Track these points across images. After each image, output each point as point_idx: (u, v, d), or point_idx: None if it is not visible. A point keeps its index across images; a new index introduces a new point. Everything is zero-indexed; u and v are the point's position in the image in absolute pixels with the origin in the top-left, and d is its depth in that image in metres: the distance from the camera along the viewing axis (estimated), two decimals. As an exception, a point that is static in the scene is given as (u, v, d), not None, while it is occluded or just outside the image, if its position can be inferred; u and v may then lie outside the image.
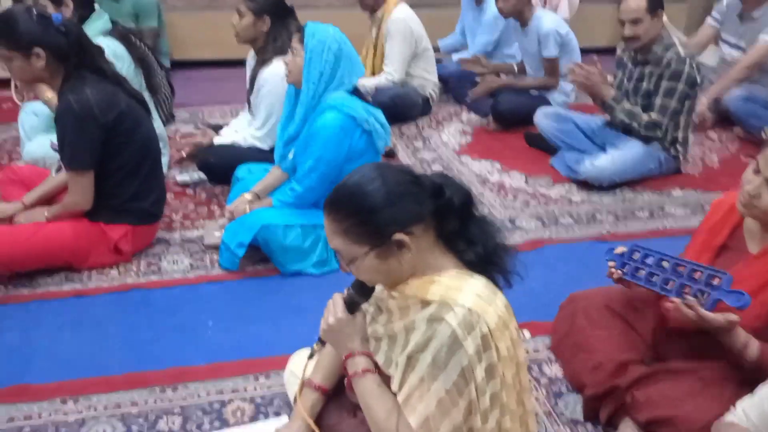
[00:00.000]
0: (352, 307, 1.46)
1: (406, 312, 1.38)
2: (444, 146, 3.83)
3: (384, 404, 1.36)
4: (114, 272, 2.56)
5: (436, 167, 3.56)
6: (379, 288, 1.48)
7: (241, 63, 3.48)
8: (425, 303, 1.33)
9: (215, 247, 2.69)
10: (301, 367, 1.71)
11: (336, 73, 2.50)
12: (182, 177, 3.28)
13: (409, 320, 1.35)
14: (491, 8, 4.30)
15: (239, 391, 2.00)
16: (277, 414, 1.92)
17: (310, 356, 1.58)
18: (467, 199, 1.39)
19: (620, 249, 1.96)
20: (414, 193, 1.34)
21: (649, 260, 1.89)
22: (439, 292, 1.32)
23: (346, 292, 1.47)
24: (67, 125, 2.39)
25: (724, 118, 4.13)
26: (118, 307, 2.38)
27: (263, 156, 3.06)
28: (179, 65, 4.95)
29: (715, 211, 1.95)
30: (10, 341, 2.20)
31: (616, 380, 1.84)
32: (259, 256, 2.61)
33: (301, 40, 2.50)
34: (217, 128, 3.35)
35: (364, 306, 1.50)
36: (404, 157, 3.67)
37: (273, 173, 2.80)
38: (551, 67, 3.99)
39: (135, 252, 2.65)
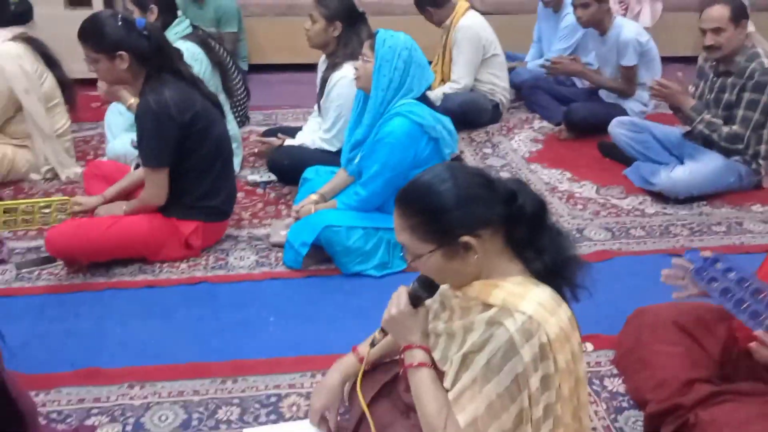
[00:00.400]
0: (415, 300, 1.47)
1: (467, 312, 1.38)
2: (513, 153, 3.79)
3: (436, 399, 1.37)
4: (184, 265, 2.66)
5: (505, 174, 3.52)
6: (445, 285, 1.49)
7: (315, 67, 3.55)
8: (486, 306, 1.33)
9: (281, 246, 2.75)
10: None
11: (405, 81, 2.52)
12: (253, 177, 3.38)
13: (469, 320, 1.35)
14: (569, 16, 4.23)
15: (296, 387, 2.04)
16: (332, 411, 1.94)
17: (372, 344, 1.60)
18: (540, 209, 1.37)
19: (706, 253, 1.85)
20: (485, 197, 1.33)
21: (731, 275, 1.74)
22: (501, 296, 1.31)
23: (411, 285, 1.48)
24: (146, 124, 2.50)
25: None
26: (186, 298, 2.47)
27: (330, 158, 3.11)
28: (256, 68, 5.09)
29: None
30: (84, 327, 2.32)
31: (681, 398, 1.77)
32: (322, 255, 2.65)
33: (372, 47, 2.53)
34: (293, 133, 3.41)
35: (428, 302, 1.50)
36: (472, 164, 3.65)
37: (339, 175, 2.85)
38: (628, 75, 3.88)
39: (204, 247, 2.74)
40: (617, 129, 3.55)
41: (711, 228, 3.01)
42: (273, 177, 3.34)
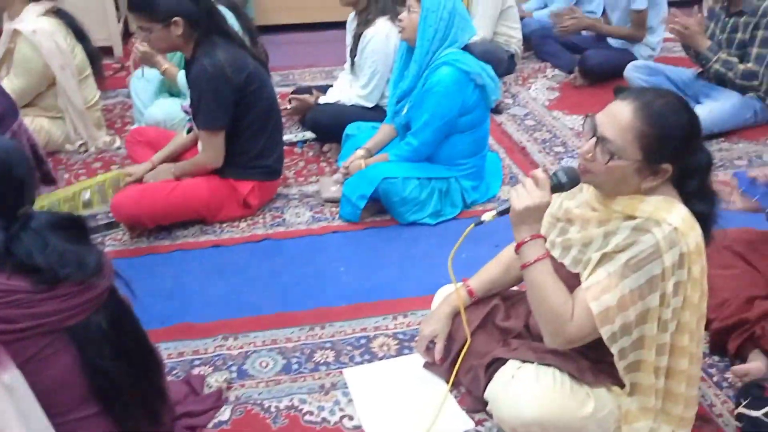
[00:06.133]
0: (556, 189, 1.51)
1: (605, 223, 1.51)
2: (533, 102, 3.90)
3: (560, 289, 1.49)
4: (243, 224, 2.76)
5: (529, 122, 3.64)
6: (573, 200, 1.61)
7: (321, 26, 3.56)
8: (631, 218, 1.46)
9: (334, 201, 2.85)
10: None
11: (450, 31, 2.60)
12: (288, 136, 3.43)
13: (611, 227, 1.48)
14: (576, -39, 4.30)
15: (381, 329, 2.17)
16: (421, 348, 2.08)
17: (477, 224, 1.57)
18: (708, 163, 1.51)
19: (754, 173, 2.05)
20: (695, 142, 1.47)
21: None
22: (648, 209, 1.45)
23: (554, 175, 1.50)
24: (203, 87, 2.55)
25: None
26: (254, 255, 2.58)
27: (367, 114, 3.19)
28: (262, 30, 5.07)
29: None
30: (164, 286, 2.41)
31: (745, 314, 1.94)
32: (375, 208, 2.77)
33: None
34: (324, 89, 3.48)
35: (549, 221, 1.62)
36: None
37: (383, 130, 2.94)
38: (639, 19, 3.99)
39: (260, 206, 2.84)
40: (633, 73, 3.67)
41: (733, 162, 3.18)
42: (308, 135, 3.42)
